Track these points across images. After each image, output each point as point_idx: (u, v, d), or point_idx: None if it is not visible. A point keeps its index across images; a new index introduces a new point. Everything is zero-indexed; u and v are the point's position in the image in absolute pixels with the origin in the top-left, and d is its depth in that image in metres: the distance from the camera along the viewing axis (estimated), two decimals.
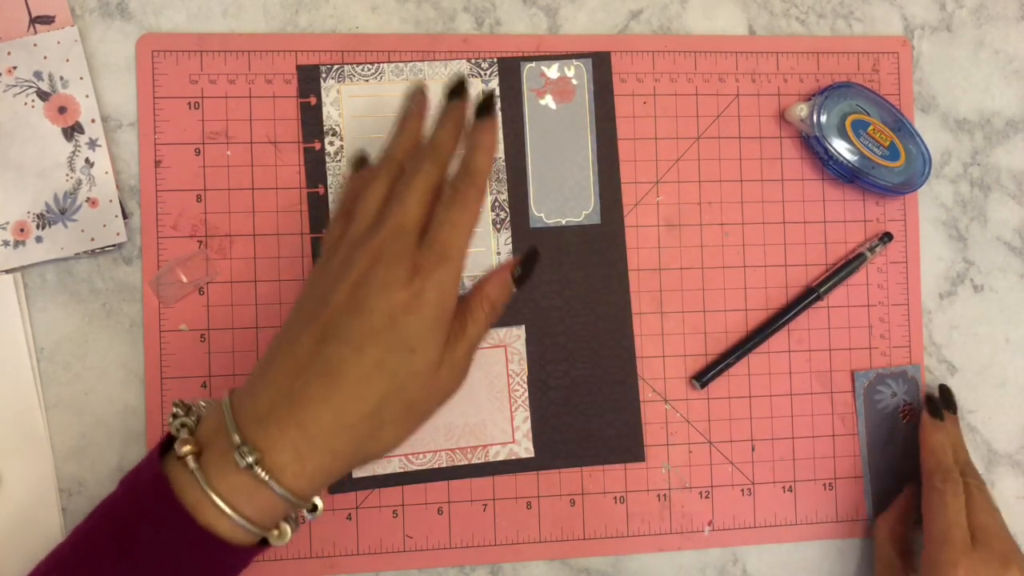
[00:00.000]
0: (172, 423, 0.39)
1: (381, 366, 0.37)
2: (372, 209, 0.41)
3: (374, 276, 0.38)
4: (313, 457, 0.37)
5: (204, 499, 0.36)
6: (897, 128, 0.57)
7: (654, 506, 0.56)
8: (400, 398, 0.38)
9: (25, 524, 0.50)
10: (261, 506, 0.37)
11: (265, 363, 0.39)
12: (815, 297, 0.57)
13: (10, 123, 0.51)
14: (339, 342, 0.37)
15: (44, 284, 0.52)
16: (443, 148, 0.42)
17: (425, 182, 0.41)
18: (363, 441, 0.38)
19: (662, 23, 0.57)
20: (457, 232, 0.40)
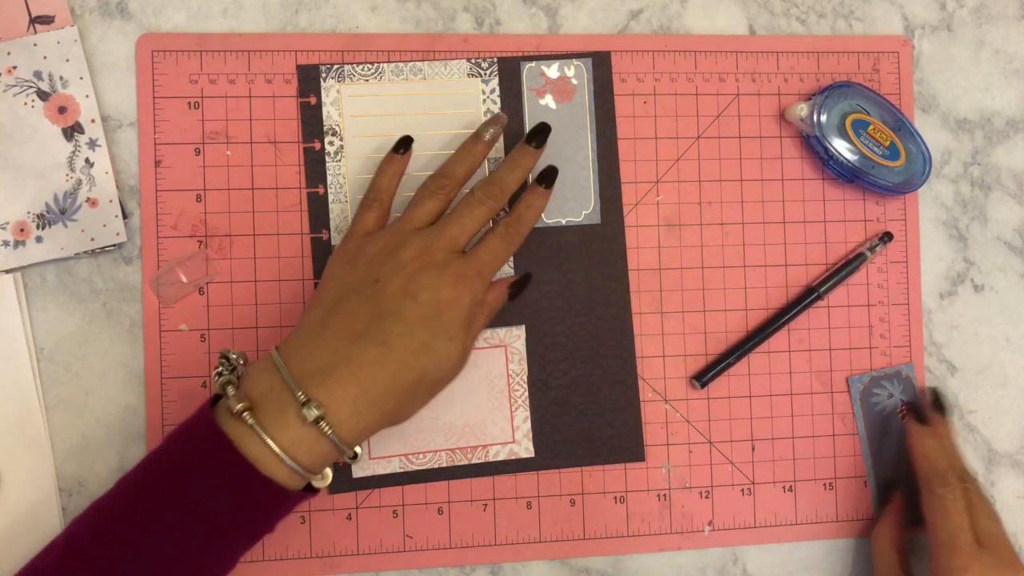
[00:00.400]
0: (218, 381, 0.43)
1: (427, 346, 0.44)
2: (425, 217, 0.49)
3: (427, 274, 0.46)
4: (368, 413, 0.43)
5: (265, 451, 0.40)
6: (897, 128, 0.57)
7: (654, 506, 0.56)
8: (435, 374, 0.45)
9: (25, 524, 0.50)
10: (316, 455, 0.42)
11: (318, 326, 0.44)
12: (815, 297, 0.57)
13: (10, 123, 0.51)
14: (395, 320, 0.44)
15: (44, 284, 0.52)
16: (509, 189, 0.51)
17: (486, 214, 0.50)
18: (402, 405, 0.45)
19: (662, 23, 0.57)
20: (496, 260, 0.49)
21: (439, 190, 0.50)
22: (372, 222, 0.50)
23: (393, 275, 0.46)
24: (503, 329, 0.55)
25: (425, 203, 0.50)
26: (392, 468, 0.54)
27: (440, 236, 0.48)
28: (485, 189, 0.50)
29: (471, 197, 0.50)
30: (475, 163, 0.52)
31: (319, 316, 0.45)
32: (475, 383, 0.54)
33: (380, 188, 0.51)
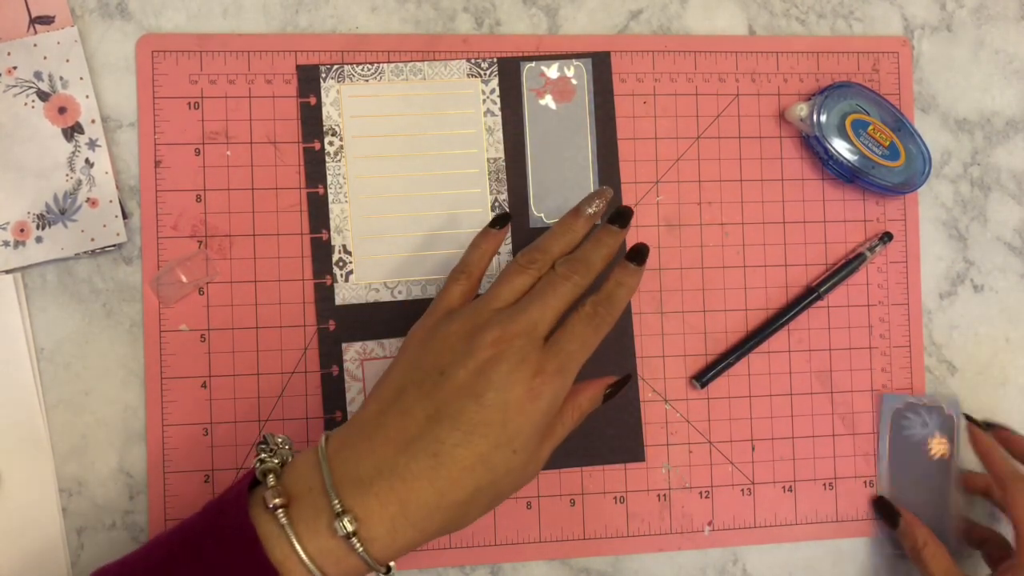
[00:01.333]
0: (258, 468, 0.39)
1: (485, 460, 0.39)
2: (510, 295, 0.44)
3: (497, 368, 0.40)
4: (406, 533, 0.38)
5: (292, 556, 0.37)
6: (897, 128, 0.57)
7: (654, 506, 0.56)
8: (493, 490, 0.40)
9: (25, 524, 0.50)
10: (346, 569, 0.38)
11: (372, 423, 0.40)
12: (815, 297, 0.57)
13: (10, 123, 0.51)
14: (452, 426, 0.39)
15: (44, 284, 0.52)
16: (595, 268, 0.46)
17: (571, 294, 0.44)
18: (449, 522, 0.40)
19: (662, 23, 0.57)
20: (582, 350, 0.43)
21: (529, 264, 0.45)
22: (457, 296, 0.46)
23: (460, 368, 0.40)
24: None
25: (513, 280, 0.45)
26: None
27: (518, 318, 0.42)
28: (569, 265, 0.45)
29: (553, 273, 0.44)
30: (574, 239, 0.47)
31: (376, 410, 0.41)
32: None
33: (470, 263, 0.47)
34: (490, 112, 0.55)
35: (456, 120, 0.54)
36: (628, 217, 0.48)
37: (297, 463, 0.40)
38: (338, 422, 0.53)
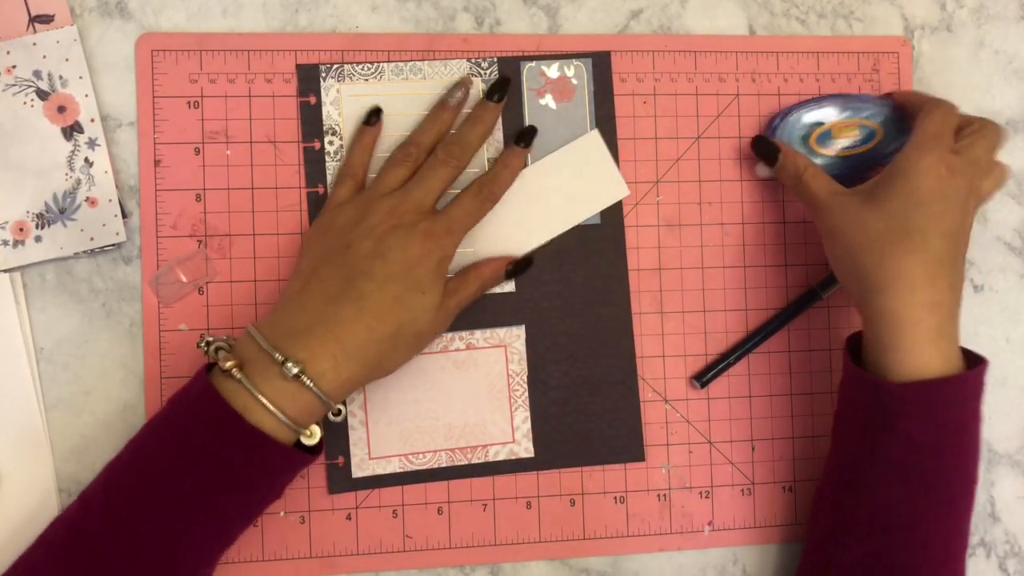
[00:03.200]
0: (208, 349, 0.45)
1: (400, 299, 0.46)
2: (394, 183, 0.50)
3: (395, 235, 0.47)
4: (348, 366, 0.45)
5: (253, 402, 0.43)
6: (858, 111, 0.56)
7: (654, 506, 0.56)
8: (413, 326, 0.47)
9: (25, 524, 0.50)
10: (301, 407, 0.44)
11: (295, 293, 0.47)
12: (815, 297, 0.57)
13: (9, 123, 0.51)
14: (366, 278, 0.46)
15: (44, 284, 0.52)
16: (471, 147, 0.52)
17: (450, 174, 0.51)
18: (383, 357, 0.47)
19: (662, 23, 0.57)
20: (468, 216, 0.51)
21: (406, 158, 0.51)
22: (344, 195, 0.51)
23: (363, 239, 0.47)
24: (503, 329, 0.55)
25: (392, 171, 0.51)
26: (392, 468, 0.54)
27: (406, 199, 0.49)
28: (447, 149, 0.51)
29: (434, 158, 0.51)
30: (442, 130, 0.53)
31: (297, 286, 0.48)
32: (475, 383, 0.54)
33: (353, 162, 0.52)
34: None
35: (456, 120, 0.54)
36: (505, 87, 0.53)
37: (242, 338, 0.46)
38: (337, 422, 0.53)
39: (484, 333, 0.55)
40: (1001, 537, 0.60)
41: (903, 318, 0.47)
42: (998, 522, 0.59)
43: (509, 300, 0.55)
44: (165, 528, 0.43)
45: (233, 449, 0.43)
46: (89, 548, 0.43)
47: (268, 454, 0.44)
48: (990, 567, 0.59)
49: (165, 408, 0.45)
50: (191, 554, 0.44)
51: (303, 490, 0.53)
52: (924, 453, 0.47)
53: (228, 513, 0.44)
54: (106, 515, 0.43)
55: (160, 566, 0.43)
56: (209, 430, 0.43)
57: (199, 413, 0.44)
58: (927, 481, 0.47)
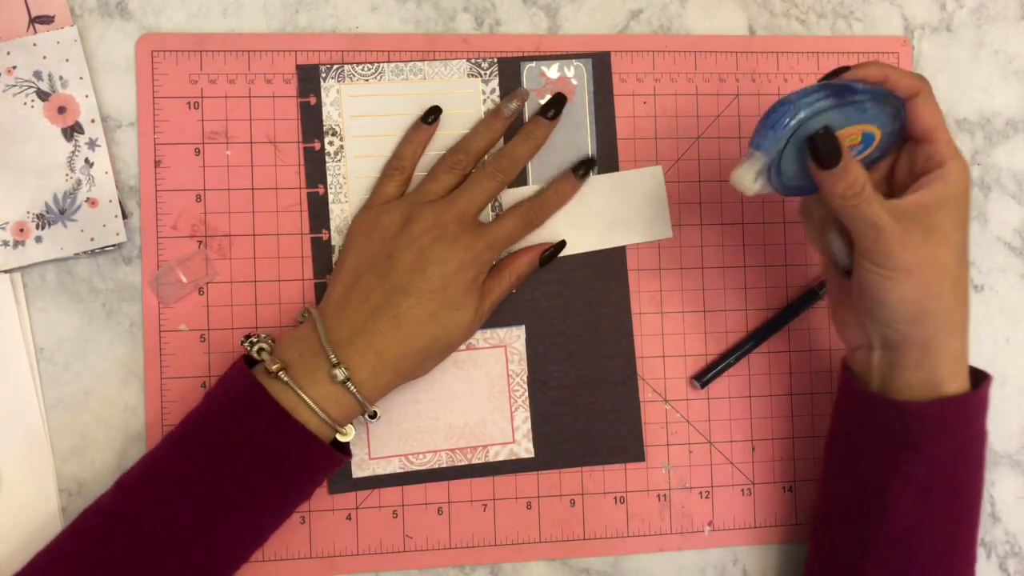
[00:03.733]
0: (251, 348, 0.47)
1: (434, 316, 0.48)
2: (440, 190, 0.51)
3: (435, 248, 0.48)
4: (384, 375, 0.48)
5: (300, 404, 0.46)
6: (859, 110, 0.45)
7: (654, 506, 0.56)
8: (444, 340, 0.49)
9: (25, 524, 0.50)
10: (343, 409, 0.47)
11: (341, 299, 0.49)
12: (815, 297, 0.57)
13: (10, 123, 0.51)
14: (404, 294, 0.48)
15: (44, 284, 0.52)
16: (520, 162, 0.53)
17: (496, 188, 0.52)
18: (416, 366, 0.49)
19: (662, 23, 0.57)
20: (509, 237, 0.52)
21: (455, 165, 0.52)
22: (391, 191, 0.52)
23: (404, 250, 0.49)
24: (503, 329, 0.55)
25: (440, 177, 0.52)
26: (392, 468, 0.54)
27: (450, 208, 0.50)
28: (496, 163, 0.52)
29: (481, 170, 0.52)
30: (493, 138, 0.53)
31: (341, 291, 0.49)
32: (475, 383, 0.54)
33: (403, 157, 0.53)
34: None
35: (456, 120, 0.54)
36: (560, 105, 0.54)
37: (284, 339, 0.48)
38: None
39: (484, 333, 0.55)
40: (1001, 537, 0.60)
41: (959, 351, 0.47)
42: (998, 522, 0.59)
43: (509, 300, 0.55)
44: (206, 515, 0.45)
45: (280, 444, 0.45)
46: (131, 532, 0.44)
47: (311, 451, 0.46)
48: (990, 567, 0.59)
49: (206, 402, 0.47)
50: (227, 545, 0.46)
51: None
52: (944, 470, 0.47)
53: (265, 506, 0.46)
54: (150, 502, 0.45)
55: (199, 553, 0.45)
56: (259, 426, 0.45)
57: (248, 409, 0.45)
58: (945, 497, 0.48)
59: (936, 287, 0.45)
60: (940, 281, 0.45)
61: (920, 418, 0.46)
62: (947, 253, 0.45)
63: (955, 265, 0.45)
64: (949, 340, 0.46)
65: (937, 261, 0.44)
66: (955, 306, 0.46)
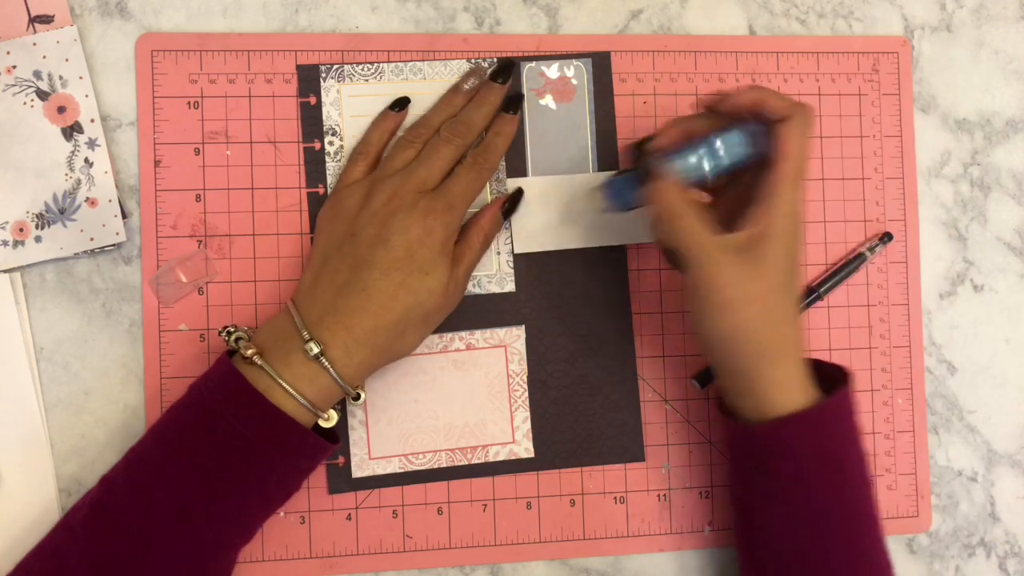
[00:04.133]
0: (229, 338, 0.47)
1: (403, 285, 0.47)
2: (399, 165, 0.51)
3: (395, 217, 0.48)
4: (358, 352, 0.47)
5: (274, 385, 0.45)
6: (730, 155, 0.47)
7: (654, 506, 0.56)
8: (419, 309, 0.48)
9: (25, 524, 0.50)
10: (319, 389, 0.46)
11: (311, 282, 0.48)
12: (815, 297, 0.57)
13: (9, 123, 0.51)
14: (370, 268, 0.47)
15: (43, 284, 0.52)
16: (474, 127, 0.52)
17: (453, 153, 0.51)
18: (394, 340, 0.48)
19: (662, 23, 0.57)
20: (466, 190, 0.50)
21: (415, 139, 0.52)
22: (356, 174, 0.52)
23: (366, 225, 0.48)
24: (503, 329, 0.55)
25: (400, 152, 0.51)
26: (392, 468, 0.54)
27: (409, 179, 0.49)
28: (451, 128, 0.51)
29: (436, 137, 0.51)
30: (452, 113, 0.53)
31: (311, 277, 0.49)
32: (475, 383, 0.54)
33: (369, 142, 0.53)
34: None
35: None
36: (510, 70, 0.53)
37: (261, 328, 0.48)
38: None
39: (484, 333, 0.55)
40: (1001, 537, 0.60)
41: (780, 379, 0.46)
42: (998, 522, 0.59)
43: (509, 300, 0.55)
44: (188, 504, 0.44)
45: (256, 427, 0.45)
46: (114, 524, 0.44)
47: (287, 433, 0.46)
48: (990, 567, 0.59)
49: (187, 394, 0.47)
50: (212, 533, 0.45)
51: (303, 490, 0.53)
52: (797, 486, 0.47)
53: (247, 494, 0.46)
54: (130, 493, 0.45)
55: (184, 542, 0.44)
56: (233, 408, 0.45)
57: (224, 393, 0.45)
58: (809, 514, 0.47)
59: (755, 322, 0.45)
60: (760, 316, 0.45)
61: (762, 441, 0.47)
62: (770, 287, 0.45)
63: (779, 297, 0.45)
64: (772, 370, 0.46)
65: (758, 297, 0.45)
66: (776, 337, 0.46)
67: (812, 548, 0.47)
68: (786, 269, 0.45)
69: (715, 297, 0.45)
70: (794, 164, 0.45)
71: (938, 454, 0.59)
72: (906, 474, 0.58)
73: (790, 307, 0.46)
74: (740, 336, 0.46)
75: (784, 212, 0.45)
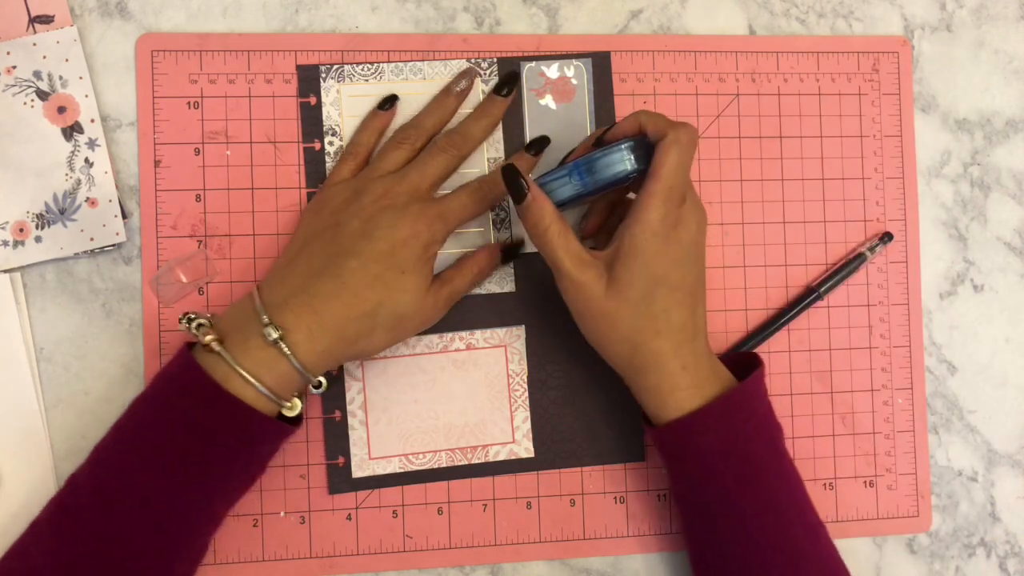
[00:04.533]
0: (189, 326, 0.46)
1: (380, 278, 0.46)
2: (390, 166, 0.50)
3: (384, 214, 0.47)
4: (323, 338, 0.45)
5: (232, 373, 0.44)
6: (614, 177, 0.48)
7: (654, 506, 0.56)
8: (392, 307, 0.47)
9: (24, 524, 0.50)
10: (279, 377, 0.45)
11: (283, 267, 0.48)
12: (815, 297, 0.57)
13: (9, 123, 0.51)
14: (350, 256, 0.46)
15: (44, 284, 0.52)
16: (473, 139, 0.52)
17: (449, 163, 0.51)
18: (361, 335, 0.46)
19: (662, 23, 0.57)
20: (462, 210, 0.50)
21: (405, 140, 0.51)
22: (344, 174, 0.52)
23: (353, 218, 0.47)
24: (503, 329, 0.55)
25: (391, 153, 0.51)
26: (392, 468, 0.54)
27: (401, 181, 0.49)
28: (449, 137, 0.51)
29: (434, 145, 0.51)
30: (445, 116, 0.53)
31: (285, 260, 0.48)
32: (475, 383, 0.54)
33: (358, 142, 0.52)
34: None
35: (457, 120, 0.54)
36: (513, 83, 0.53)
37: (223, 313, 0.47)
38: (337, 422, 0.53)
39: (484, 333, 0.55)
40: (1001, 537, 0.60)
41: (658, 387, 0.47)
42: (998, 522, 0.59)
43: (509, 300, 0.55)
44: (151, 499, 0.44)
45: (213, 418, 0.44)
46: (78, 525, 0.44)
47: (246, 422, 0.44)
48: (990, 567, 0.59)
49: (148, 386, 0.47)
50: (178, 526, 0.45)
51: (303, 490, 0.53)
52: (703, 485, 0.48)
53: (211, 483, 0.45)
54: (93, 491, 0.44)
55: (149, 539, 0.44)
56: (189, 400, 0.44)
57: (180, 385, 0.44)
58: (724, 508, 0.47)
59: (614, 336, 0.47)
60: (617, 331, 0.47)
61: (658, 444, 0.49)
62: (626, 304, 0.46)
63: (638, 313, 0.46)
64: (644, 379, 0.48)
65: (612, 313, 0.47)
66: (642, 351, 0.47)
67: (728, 540, 0.48)
68: (644, 288, 0.46)
69: (576, 307, 0.48)
70: (664, 183, 0.45)
71: (938, 454, 0.59)
72: (906, 474, 0.58)
73: (654, 322, 0.46)
74: (604, 347, 0.48)
75: (644, 230, 0.46)
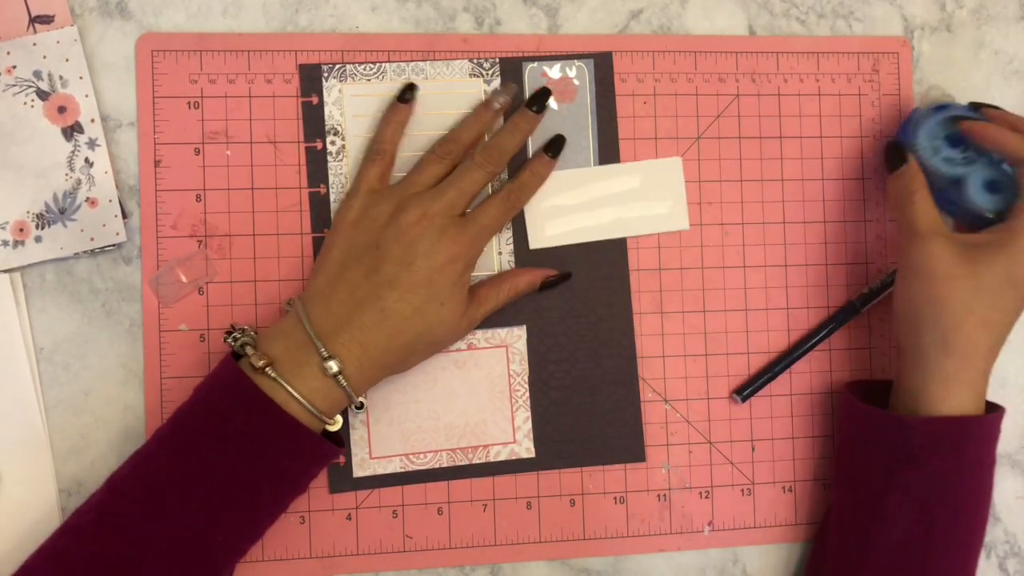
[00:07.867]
0: (235, 344, 0.47)
1: (420, 311, 0.48)
2: (428, 180, 0.51)
3: (422, 241, 0.48)
4: (370, 369, 0.48)
5: (289, 399, 0.46)
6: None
7: (654, 506, 0.56)
8: (429, 336, 0.49)
9: (25, 524, 0.50)
10: (332, 402, 0.47)
11: (326, 287, 0.48)
12: (855, 312, 0.57)
13: (9, 123, 0.51)
14: (391, 287, 0.47)
15: (43, 284, 0.52)
16: (507, 153, 0.52)
17: (484, 178, 0.51)
18: (400, 361, 0.49)
19: (662, 23, 0.57)
20: (494, 223, 0.51)
21: (445, 155, 0.52)
22: (376, 177, 0.52)
23: (393, 243, 0.48)
24: (504, 329, 0.55)
25: (429, 167, 0.51)
26: (392, 468, 0.54)
27: (439, 200, 0.49)
28: (484, 153, 0.51)
29: (470, 161, 0.51)
30: (482, 130, 0.53)
31: (325, 281, 0.49)
32: (476, 383, 0.54)
33: (384, 139, 0.52)
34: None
35: (458, 120, 0.54)
36: (544, 100, 0.53)
37: (268, 332, 0.48)
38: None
39: (485, 333, 0.55)
40: (1001, 537, 0.60)
41: (956, 375, 0.49)
42: (998, 522, 0.59)
43: None
44: (200, 510, 0.45)
45: (273, 439, 0.45)
46: (123, 530, 0.44)
47: (304, 444, 0.46)
48: (990, 567, 0.59)
49: (194, 398, 0.47)
50: (224, 539, 0.46)
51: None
52: (944, 487, 0.49)
53: (260, 501, 0.46)
54: (140, 498, 0.45)
55: (195, 548, 0.45)
56: (245, 416, 0.45)
57: (234, 401, 0.45)
58: (945, 515, 0.49)
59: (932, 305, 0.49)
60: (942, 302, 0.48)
61: (921, 433, 0.49)
62: (966, 283, 0.48)
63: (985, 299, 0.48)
64: (944, 358, 0.48)
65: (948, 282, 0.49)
66: (965, 332, 0.48)
67: (939, 548, 0.49)
68: (1001, 279, 0.48)
69: (913, 268, 0.50)
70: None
71: None
72: None
73: (990, 312, 0.49)
74: (918, 315, 0.49)
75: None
